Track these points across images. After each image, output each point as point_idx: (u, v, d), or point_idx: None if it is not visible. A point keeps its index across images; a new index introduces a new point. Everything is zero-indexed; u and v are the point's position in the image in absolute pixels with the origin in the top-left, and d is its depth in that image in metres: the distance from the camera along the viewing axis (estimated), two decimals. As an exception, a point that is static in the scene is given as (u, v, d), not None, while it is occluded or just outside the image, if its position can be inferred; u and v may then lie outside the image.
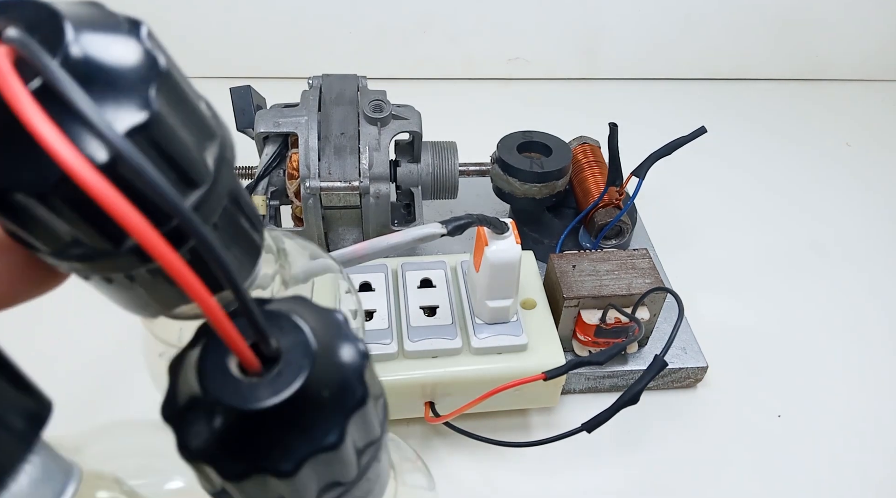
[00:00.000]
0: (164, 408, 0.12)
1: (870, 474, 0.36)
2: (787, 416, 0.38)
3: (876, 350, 0.42)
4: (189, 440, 0.11)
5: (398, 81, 0.66)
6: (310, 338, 0.12)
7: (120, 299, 0.13)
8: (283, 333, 0.12)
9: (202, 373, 0.12)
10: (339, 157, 0.38)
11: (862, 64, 0.70)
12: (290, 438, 0.11)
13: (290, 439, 0.11)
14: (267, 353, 0.12)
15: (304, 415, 0.11)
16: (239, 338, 0.11)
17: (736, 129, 0.63)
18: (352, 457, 0.13)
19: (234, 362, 0.12)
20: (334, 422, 0.12)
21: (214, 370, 0.12)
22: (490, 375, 0.32)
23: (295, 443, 0.11)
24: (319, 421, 0.12)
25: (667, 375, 0.38)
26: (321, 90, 0.40)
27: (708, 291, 0.45)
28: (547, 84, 0.68)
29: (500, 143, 0.43)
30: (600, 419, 0.30)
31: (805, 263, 0.49)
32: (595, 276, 0.36)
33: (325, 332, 0.12)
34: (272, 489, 0.12)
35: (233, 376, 0.11)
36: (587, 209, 0.42)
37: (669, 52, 0.68)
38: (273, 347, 0.12)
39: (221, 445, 0.11)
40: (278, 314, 0.12)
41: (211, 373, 0.12)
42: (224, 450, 0.11)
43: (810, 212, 0.54)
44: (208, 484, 0.12)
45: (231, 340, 0.11)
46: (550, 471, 0.35)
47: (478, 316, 0.34)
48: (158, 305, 0.13)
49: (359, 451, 0.13)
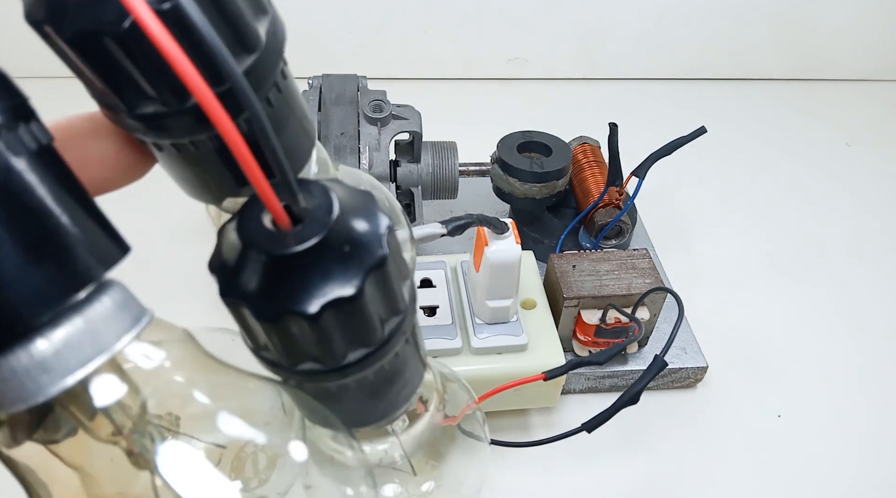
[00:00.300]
0: (211, 261, 0.14)
1: (870, 474, 0.36)
2: (787, 416, 0.38)
3: (876, 350, 0.42)
4: (229, 285, 0.13)
5: (398, 81, 0.66)
6: (335, 202, 0.14)
7: (185, 178, 0.15)
8: (312, 197, 0.14)
9: (240, 226, 0.13)
10: (339, 157, 0.38)
11: (862, 64, 0.70)
12: (313, 285, 0.13)
13: (314, 285, 0.13)
14: (297, 212, 0.13)
15: (327, 265, 0.13)
16: (273, 195, 0.13)
17: (736, 129, 0.63)
18: (374, 320, 0.14)
19: (268, 218, 0.13)
20: (353, 274, 0.13)
21: (250, 224, 0.13)
22: (490, 375, 0.32)
23: (318, 289, 0.13)
24: (340, 272, 0.13)
25: (667, 375, 0.38)
26: (321, 90, 0.40)
27: (708, 291, 0.45)
28: (547, 84, 0.68)
29: (500, 143, 0.43)
30: (600, 419, 0.30)
31: (805, 263, 0.49)
32: (595, 276, 0.36)
33: (354, 201, 0.14)
34: (304, 339, 0.14)
35: (266, 228, 0.13)
36: (587, 209, 0.42)
37: (669, 52, 0.68)
38: (302, 206, 0.13)
39: (255, 288, 0.13)
40: (311, 182, 0.14)
41: (247, 226, 0.13)
42: (257, 292, 0.13)
43: (810, 212, 0.54)
44: (251, 340, 0.15)
45: (266, 197, 0.13)
46: (550, 471, 0.35)
47: (478, 316, 0.34)
48: (218, 188, 0.16)
49: (382, 319, 0.15)
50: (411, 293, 0.16)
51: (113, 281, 0.13)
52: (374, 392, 0.17)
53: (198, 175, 0.15)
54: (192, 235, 0.47)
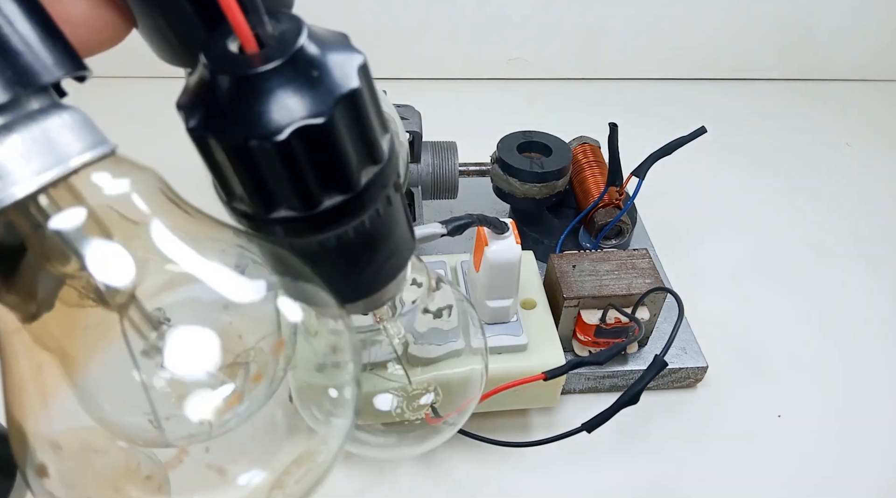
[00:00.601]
0: (178, 100, 0.13)
1: (870, 474, 0.36)
2: (787, 416, 0.38)
3: (876, 350, 0.42)
4: (195, 118, 0.13)
5: (398, 81, 0.66)
6: (304, 28, 0.13)
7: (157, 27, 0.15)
8: (280, 24, 0.13)
9: (207, 52, 0.13)
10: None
11: (862, 64, 0.70)
12: (282, 109, 0.13)
13: (283, 110, 0.13)
14: (264, 38, 0.13)
15: (296, 89, 0.13)
16: (241, 18, 0.13)
17: (736, 129, 0.63)
18: (350, 160, 0.14)
19: (235, 45, 0.13)
20: (322, 101, 0.13)
21: (217, 49, 0.13)
22: (490, 375, 0.32)
23: (286, 114, 0.13)
24: (309, 98, 0.13)
25: (667, 375, 0.38)
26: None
27: (708, 291, 0.45)
28: (547, 84, 0.68)
29: (500, 143, 0.43)
30: (600, 419, 0.30)
31: (806, 263, 0.49)
32: (595, 276, 0.36)
33: (328, 35, 0.14)
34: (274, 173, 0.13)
35: (232, 52, 0.13)
36: (587, 209, 0.42)
37: (669, 52, 0.68)
38: (269, 31, 0.13)
39: (220, 114, 0.13)
40: (282, 13, 0.14)
41: (213, 51, 0.13)
42: (223, 119, 0.13)
43: (810, 212, 0.54)
44: (223, 189, 0.14)
45: (234, 20, 0.12)
46: (550, 471, 0.35)
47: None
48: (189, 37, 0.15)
49: (358, 164, 0.14)
50: (392, 151, 0.16)
51: (74, 107, 0.13)
52: (357, 257, 0.17)
53: (169, 24, 0.15)
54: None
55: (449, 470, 0.35)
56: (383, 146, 0.15)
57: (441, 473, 0.35)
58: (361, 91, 0.13)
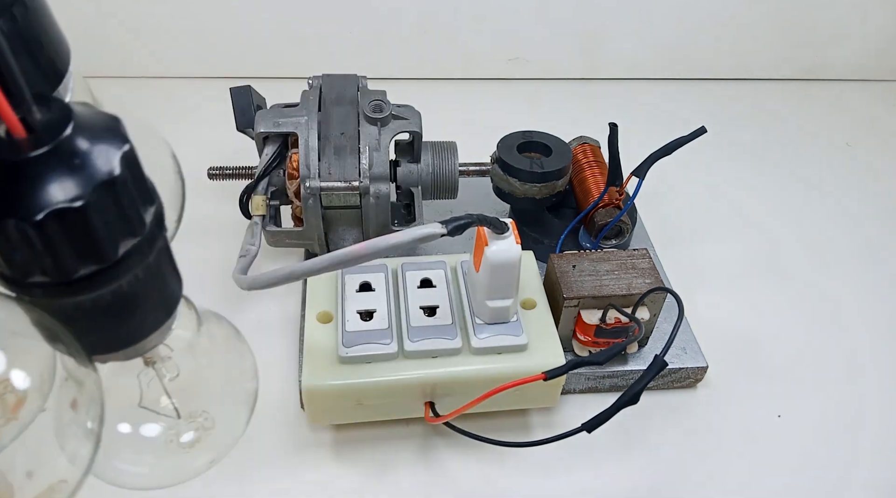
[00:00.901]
0: None
1: (870, 474, 0.36)
2: (787, 416, 0.38)
3: (876, 350, 0.42)
4: None
5: (398, 81, 0.65)
6: (72, 117, 0.14)
7: None
8: (49, 111, 0.15)
9: None
10: (339, 158, 0.38)
11: (862, 64, 0.70)
12: (41, 193, 0.14)
13: (42, 194, 0.14)
14: (32, 124, 0.14)
15: (57, 176, 0.14)
16: (7, 106, 0.13)
17: (736, 129, 0.63)
18: (105, 236, 0.15)
19: (2, 129, 0.14)
20: (80, 186, 0.14)
21: None
22: (490, 375, 0.32)
23: (45, 197, 0.14)
24: (69, 183, 0.14)
25: (667, 375, 0.38)
26: (321, 90, 0.40)
27: (708, 291, 0.45)
28: (547, 84, 0.68)
29: (500, 143, 0.43)
30: (600, 419, 0.30)
31: (805, 263, 0.49)
32: (595, 276, 0.36)
33: (98, 121, 0.15)
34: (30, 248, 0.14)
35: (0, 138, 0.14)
36: (587, 209, 0.42)
37: (669, 52, 0.68)
38: (37, 118, 0.14)
39: None
40: (53, 99, 0.15)
41: None
42: None
43: (810, 212, 0.54)
44: None
45: (1, 107, 0.13)
46: (550, 471, 0.35)
47: (478, 316, 0.34)
48: None
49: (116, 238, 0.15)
50: (157, 218, 0.17)
51: None
52: (116, 314, 0.18)
53: None
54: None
55: (449, 470, 0.35)
56: (146, 219, 0.16)
57: (441, 473, 0.35)
58: (122, 177, 0.15)
